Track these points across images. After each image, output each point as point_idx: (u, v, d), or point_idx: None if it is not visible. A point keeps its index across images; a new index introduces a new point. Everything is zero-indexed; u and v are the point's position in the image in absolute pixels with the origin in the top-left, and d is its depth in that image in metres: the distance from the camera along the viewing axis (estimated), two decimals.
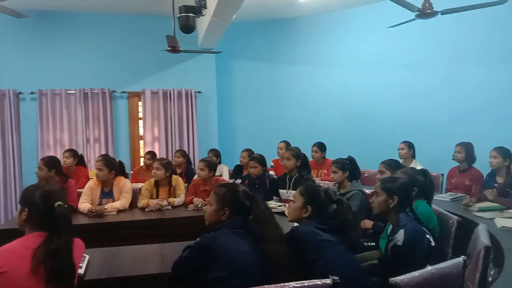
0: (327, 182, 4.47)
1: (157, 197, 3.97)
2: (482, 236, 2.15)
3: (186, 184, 4.36)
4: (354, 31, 6.52)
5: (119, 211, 3.76)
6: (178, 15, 4.04)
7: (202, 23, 5.67)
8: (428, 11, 3.98)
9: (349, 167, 3.66)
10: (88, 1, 5.93)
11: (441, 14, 4.02)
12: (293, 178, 3.96)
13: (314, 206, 2.21)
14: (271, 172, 4.85)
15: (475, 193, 4.01)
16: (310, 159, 4.67)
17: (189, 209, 3.83)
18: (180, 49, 4.80)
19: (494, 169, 4.01)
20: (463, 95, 5.39)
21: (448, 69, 5.55)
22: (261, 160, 4.22)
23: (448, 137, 4.87)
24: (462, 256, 1.91)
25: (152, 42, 5.90)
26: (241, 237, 1.99)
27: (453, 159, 4.44)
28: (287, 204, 3.44)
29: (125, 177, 4.09)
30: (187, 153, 5.77)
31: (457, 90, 5.45)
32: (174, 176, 4.14)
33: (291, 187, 3.91)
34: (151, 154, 5.43)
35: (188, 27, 4.03)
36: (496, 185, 3.88)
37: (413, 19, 4.20)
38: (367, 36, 6.36)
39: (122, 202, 3.82)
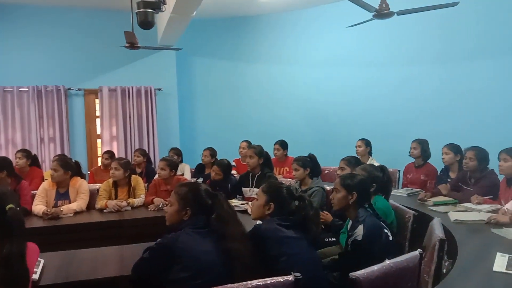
0: (289, 179, 4.51)
1: (116, 198, 3.87)
2: (436, 230, 2.23)
3: (146, 184, 4.27)
4: (313, 30, 6.61)
5: (76, 213, 3.63)
6: (137, 11, 3.94)
7: (162, 19, 5.56)
8: (385, 11, 4.08)
9: (310, 164, 3.72)
10: None
11: (397, 14, 4.13)
12: (256, 176, 3.97)
13: (276, 203, 2.22)
14: (233, 172, 4.83)
15: (430, 188, 4.16)
16: (272, 157, 4.70)
17: (149, 209, 3.75)
18: (139, 45, 4.69)
19: (447, 165, 4.19)
20: (419, 94, 5.59)
21: (405, 69, 5.74)
22: (225, 168, 4.11)
23: (404, 134, 5.04)
24: (418, 249, 1.98)
25: (109, 37, 5.74)
26: (203, 237, 1.97)
27: (409, 155, 4.60)
28: (250, 202, 3.46)
29: (82, 178, 3.96)
30: (147, 152, 5.66)
31: (413, 89, 5.65)
32: (133, 176, 4.04)
33: (254, 185, 3.92)
34: (109, 154, 5.28)
35: (146, 23, 3.92)
36: (449, 180, 4.05)
37: (371, 19, 4.29)
38: (326, 35, 6.47)
39: (79, 203, 3.69)
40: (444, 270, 2.16)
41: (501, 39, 4.74)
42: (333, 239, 3.21)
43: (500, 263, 2.04)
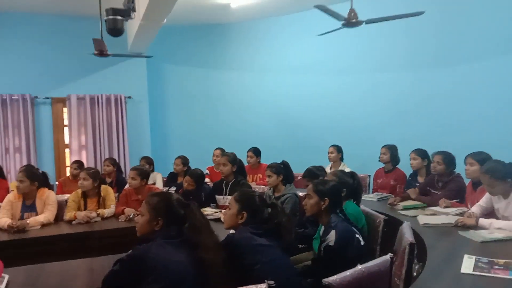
0: (262, 186, 4.52)
1: (85, 209, 3.76)
2: (406, 233, 2.28)
3: (117, 194, 4.18)
4: (285, 38, 6.68)
5: (43, 225, 3.51)
6: (106, 18, 3.88)
7: (132, 26, 5.50)
8: (354, 20, 4.18)
9: (283, 171, 3.75)
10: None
11: (366, 23, 4.23)
12: (230, 184, 3.95)
13: (249, 212, 2.22)
14: (206, 180, 4.80)
15: (399, 193, 4.25)
16: (245, 164, 4.69)
17: (120, 220, 3.67)
18: (108, 53, 4.61)
19: (415, 170, 4.30)
20: (387, 100, 5.72)
21: (374, 76, 5.86)
22: (198, 179, 4.07)
23: (374, 140, 5.14)
24: (389, 253, 2.01)
25: (78, 45, 5.63)
26: (175, 247, 1.94)
27: (379, 161, 4.69)
28: (223, 211, 3.44)
29: (49, 189, 3.83)
30: (117, 161, 5.55)
31: (382, 95, 5.77)
32: (103, 186, 3.95)
33: (228, 192, 3.90)
34: (78, 164, 5.14)
35: (116, 30, 3.88)
36: (417, 184, 4.16)
37: (340, 28, 4.38)
38: (298, 44, 6.55)
39: (46, 215, 3.57)
40: (415, 273, 2.20)
41: (462, 47, 4.91)
42: (305, 245, 3.24)
43: (467, 264, 2.10)
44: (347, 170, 4.04)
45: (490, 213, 3.08)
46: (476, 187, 3.36)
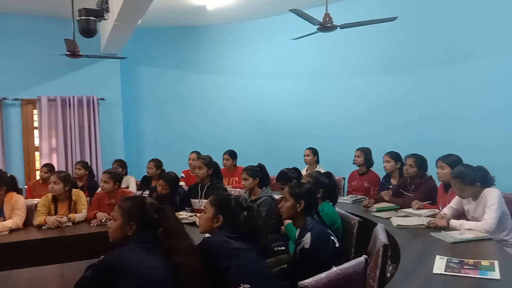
0: (238, 189, 4.50)
1: (55, 214, 3.65)
2: (380, 235, 2.31)
3: (89, 198, 4.09)
4: (260, 41, 6.71)
5: (11, 230, 3.39)
6: (78, 18, 3.80)
7: (105, 27, 5.41)
8: (328, 25, 4.22)
9: (259, 174, 3.75)
10: None
11: (340, 28, 4.29)
12: (205, 187, 3.92)
13: (225, 215, 2.20)
14: (181, 183, 4.75)
15: (373, 195, 4.32)
16: (221, 167, 4.67)
17: (92, 224, 3.58)
18: (81, 53, 4.52)
19: (388, 172, 4.37)
20: (362, 104, 5.79)
21: (349, 80, 5.93)
22: (172, 182, 4.00)
23: (349, 143, 5.20)
24: (364, 255, 2.04)
25: (49, 45, 5.48)
26: (149, 252, 1.89)
27: (353, 163, 4.75)
28: (198, 214, 3.41)
29: (18, 193, 3.71)
30: (89, 164, 5.42)
31: (357, 99, 5.84)
32: (74, 190, 3.85)
33: (203, 196, 3.86)
34: (48, 167, 5.00)
35: (88, 31, 3.80)
36: (391, 186, 4.23)
37: (315, 32, 4.42)
38: (273, 47, 6.57)
39: (15, 220, 3.45)
40: (388, 274, 2.23)
41: (439, 52, 5.02)
42: (282, 247, 3.25)
43: (439, 265, 2.15)
44: (322, 171, 4.08)
45: (460, 214, 3.17)
46: (447, 189, 3.45)
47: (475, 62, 4.58)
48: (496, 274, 1.99)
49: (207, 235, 2.30)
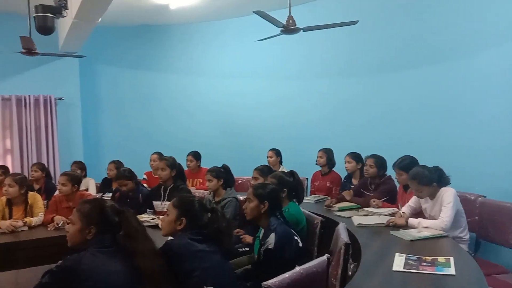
0: (202, 191, 4.47)
1: (10, 218, 3.50)
2: (342, 234, 2.35)
3: (46, 201, 3.94)
4: (224, 42, 6.69)
5: None
6: (35, 15, 3.65)
7: (64, 24, 5.23)
8: (292, 27, 4.27)
9: (223, 175, 3.73)
10: None
11: (303, 31, 4.34)
12: (168, 189, 3.85)
13: (188, 218, 2.17)
14: (144, 185, 4.66)
15: (335, 195, 4.40)
16: (185, 168, 4.61)
17: (49, 229, 3.44)
18: (37, 51, 4.35)
19: (350, 173, 4.47)
20: (325, 105, 5.89)
21: (312, 82, 6.01)
22: (130, 175, 3.95)
23: (311, 144, 5.27)
24: (326, 254, 2.07)
25: (3, 42, 5.23)
26: (110, 257, 1.84)
27: (316, 164, 4.83)
28: (161, 217, 3.35)
29: None
30: (46, 166, 5.22)
31: (320, 101, 5.94)
32: (30, 193, 3.70)
33: (166, 198, 3.79)
34: (3, 169, 4.78)
35: (46, 28, 3.65)
36: (352, 186, 4.32)
37: (279, 34, 4.46)
38: (237, 48, 6.58)
39: None
40: (350, 273, 2.27)
41: (397, 55, 5.17)
42: (246, 248, 3.24)
43: (398, 262, 2.21)
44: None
45: (419, 212, 3.28)
46: (406, 189, 3.56)
47: (432, 65, 4.75)
48: (451, 270, 2.07)
49: (169, 238, 2.27)
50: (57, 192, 3.96)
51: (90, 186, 5.02)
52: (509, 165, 3.82)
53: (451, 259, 2.21)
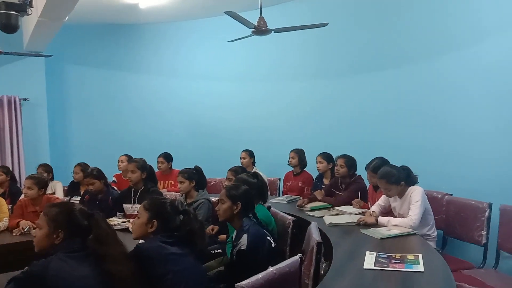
0: (174, 193, 4.42)
1: None
2: (314, 233, 2.38)
3: (11, 205, 3.80)
4: (195, 43, 6.64)
5: None
6: None
7: (29, 23, 5.06)
8: (263, 28, 4.29)
9: (195, 176, 3.70)
10: None
11: (274, 32, 4.37)
12: (139, 192, 3.77)
13: (160, 220, 2.14)
14: (114, 187, 4.56)
15: (307, 195, 4.44)
16: (156, 170, 4.55)
17: (14, 234, 3.32)
18: (1, 50, 4.20)
19: (321, 173, 4.52)
20: (296, 106, 5.94)
21: (283, 84, 6.04)
22: (97, 175, 3.87)
23: (283, 145, 5.31)
24: (299, 254, 2.09)
25: None
26: (79, 261, 1.79)
27: (288, 164, 4.86)
28: (131, 220, 3.29)
29: None
30: (10, 169, 5.04)
31: (290, 102, 5.98)
32: None
33: (137, 201, 3.71)
34: None
35: (9, 27, 3.53)
36: (323, 186, 4.38)
37: (250, 35, 4.47)
38: (208, 49, 6.54)
39: None
40: (322, 272, 2.30)
41: (367, 58, 5.27)
42: (219, 250, 3.23)
43: (369, 260, 2.25)
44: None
45: (388, 211, 3.36)
46: (377, 189, 3.64)
47: (401, 67, 4.86)
48: (420, 267, 2.13)
49: (141, 241, 2.23)
50: (22, 196, 3.83)
51: (57, 189, 4.88)
52: (474, 163, 3.95)
53: (420, 256, 2.27)
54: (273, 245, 2.53)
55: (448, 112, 4.29)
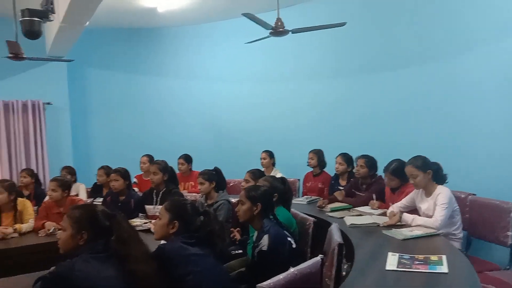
0: (194, 194, 4.45)
1: (0, 225, 3.45)
2: (335, 235, 2.36)
3: (36, 207, 3.89)
4: (213, 45, 6.68)
5: None
6: (21, 19, 3.61)
7: (51, 28, 5.18)
8: (280, 29, 4.28)
9: (215, 177, 3.73)
10: None
11: (292, 33, 4.36)
12: (161, 193, 3.82)
13: (181, 221, 2.16)
14: (135, 189, 4.62)
15: (327, 195, 4.41)
16: (176, 171, 4.59)
17: (40, 235, 3.40)
18: (24, 56, 4.29)
19: (338, 173, 4.48)
20: (315, 107, 5.91)
21: (302, 84, 6.02)
22: (123, 173, 3.95)
23: (302, 145, 5.28)
24: (320, 255, 2.08)
25: None
26: (102, 262, 1.82)
27: (307, 165, 4.84)
28: (153, 221, 3.33)
29: None
30: (35, 172, 5.16)
31: (311, 102, 5.95)
32: (20, 199, 3.66)
33: (158, 202, 3.77)
34: None
35: (33, 33, 3.61)
36: (340, 187, 4.34)
37: (268, 37, 4.47)
38: (226, 51, 6.57)
39: None
40: (344, 273, 2.28)
41: (384, 56, 5.22)
42: (240, 251, 3.24)
43: (391, 261, 2.22)
44: (279, 175, 4.12)
45: (411, 211, 3.30)
46: (394, 191, 3.59)
47: (420, 66, 4.79)
48: (444, 268, 2.09)
49: (162, 241, 2.26)
50: (47, 198, 3.92)
51: (80, 191, 4.97)
52: (498, 163, 3.86)
53: (444, 257, 2.23)
54: (293, 246, 2.52)
55: (469, 110, 4.22)
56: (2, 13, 5.18)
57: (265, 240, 2.41)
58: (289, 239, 2.51)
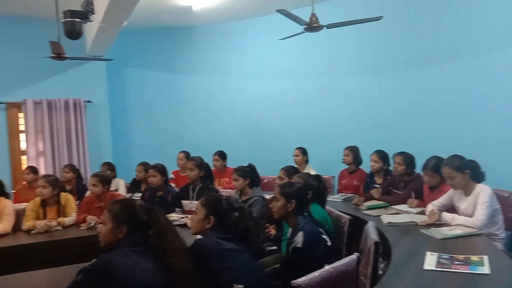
0: (229, 190, 4.49)
1: (44, 218, 3.61)
2: (371, 233, 2.33)
3: (78, 201, 4.04)
4: (247, 41, 6.71)
5: (0, 236, 3.35)
6: (63, 20, 3.76)
7: (91, 29, 5.35)
8: (315, 25, 4.23)
9: (249, 174, 3.74)
10: None
11: (327, 28, 4.30)
12: (197, 189, 3.89)
13: (216, 216, 2.19)
14: (172, 185, 4.72)
15: (362, 193, 4.34)
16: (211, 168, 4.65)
17: (81, 228, 3.55)
18: (66, 56, 4.46)
19: (373, 171, 4.40)
20: (350, 103, 5.82)
21: (337, 80, 5.95)
22: (161, 169, 4.07)
23: (337, 142, 5.22)
24: (356, 253, 2.05)
25: (34, 48, 5.40)
26: (141, 255, 1.87)
27: (342, 162, 4.78)
28: (189, 216, 3.39)
29: (6, 198, 3.67)
30: (77, 167, 5.37)
31: (347, 98, 5.87)
32: (63, 193, 3.81)
33: (195, 197, 3.84)
34: (31, 169, 4.91)
35: (74, 33, 3.76)
36: (375, 185, 4.26)
37: (302, 32, 4.43)
38: (260, 48, 6.58)
39: (3, 225, 3.42)
40: (380, 272, 2.25)
41: (422, 51, 5.07)
42: (274, 247, 3.25)
43: (430, 261, 2.17)
44: (312, 172, 4.10)
45: (449, 210, 3.20)
46: (433, 189, 3.49)
47: (459, 61, 4.64)
48: (485, 269, 2.02)
49: (198, 236, 2.30)
50: (88, 193, 4.07)
51: (120, 186, 5.13)
52: None
53: (485, 257, 2.15)
54: (328, 243, 2.50)
55: (511, 106, 4.03)
56: (45, 15, 5.40)
57: (299, 237, 2.41)
58: (324, 236, 2.49)
